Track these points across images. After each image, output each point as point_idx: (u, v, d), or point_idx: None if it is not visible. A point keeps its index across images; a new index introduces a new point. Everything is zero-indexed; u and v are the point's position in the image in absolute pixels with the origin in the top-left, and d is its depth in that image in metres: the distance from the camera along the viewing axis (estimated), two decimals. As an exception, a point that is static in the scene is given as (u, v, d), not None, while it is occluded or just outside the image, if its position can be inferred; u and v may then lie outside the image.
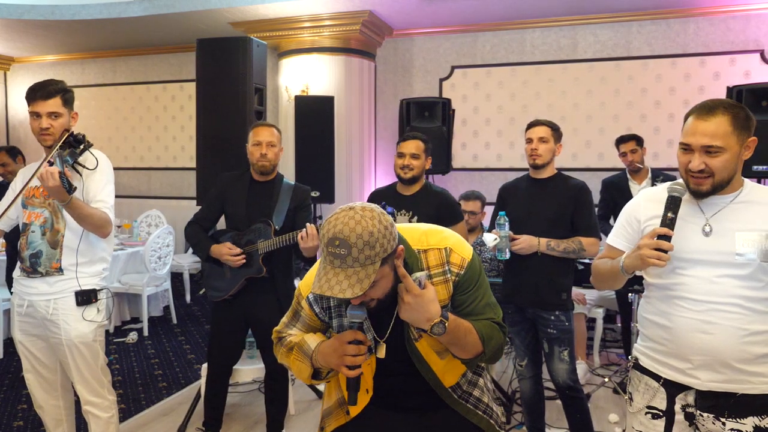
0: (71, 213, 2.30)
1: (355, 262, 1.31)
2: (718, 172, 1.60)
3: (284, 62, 6.28)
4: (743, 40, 5.48)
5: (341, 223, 1.33)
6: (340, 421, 1.67)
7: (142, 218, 6.62)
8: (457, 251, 1.53)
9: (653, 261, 1.57)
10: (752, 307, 1.58)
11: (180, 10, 5.77)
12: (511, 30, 6.14)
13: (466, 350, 1.49)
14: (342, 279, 1.32)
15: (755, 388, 1.59)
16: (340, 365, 1.44)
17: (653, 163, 5.31)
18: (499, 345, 1.54)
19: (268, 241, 2.81)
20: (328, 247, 1.33)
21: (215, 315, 3.05)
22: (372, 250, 1.31)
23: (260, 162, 2.87)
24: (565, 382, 2.76)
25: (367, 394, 1.61)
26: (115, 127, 7.85)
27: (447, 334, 1.42)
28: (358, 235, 1.30)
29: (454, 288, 1.54)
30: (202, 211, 3.03)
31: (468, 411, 1.64)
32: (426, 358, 1.55)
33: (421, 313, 1.39)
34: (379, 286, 1.39)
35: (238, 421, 3.53)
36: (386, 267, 1.37)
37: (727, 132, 1.57)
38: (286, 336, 1.65)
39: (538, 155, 2.76)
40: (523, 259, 2.75)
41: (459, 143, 6.32)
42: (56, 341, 2.42)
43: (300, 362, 1.56)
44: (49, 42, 7.30)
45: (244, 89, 3.57)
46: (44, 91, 2.33)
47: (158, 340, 5.09)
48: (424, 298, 1.39)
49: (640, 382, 1.77)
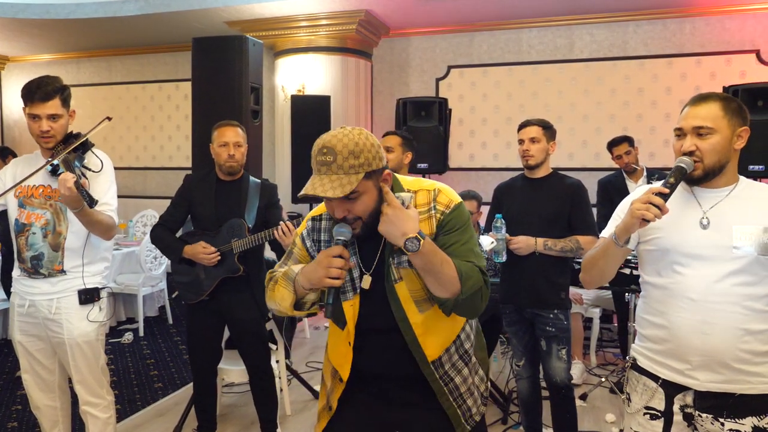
0: (81, 219, 2.28)
1: (339, 169, 1.40)
2: (708, 155, 1.60)
3: (280, 62, 6.27)
4: (739, 40, 5.49)
5: (330, 135, 1.44)
6: (338, 390, 1.69)
7: (138, 218, 6.59)
8: (445, 193, 1.58)
9: (640, 213, 1.54)
10: (750, 305, 1.57)
11: (176, 9, 5.75)
12: (507, 30, 6.14)
13: (442, 283, 1.46)
14: (326, 182, 1.40)
15: (754, 388, 1.59)
16: (323, 276, 1.45)
17: (649, 163, 5.32)
18: (478, 288, 1.49)
19: (242, 240, 2.80)
20: (317, 156, 1.43)
21: (191, 317, 3.03)
22: (356, 159, 1.40)
23: (228, 163, 2.84)
24: (563, 381, 2.75)
25: (350, 346, 1.61)
26: (111, 126, 7.77)
27: (421, 255, 1.40)
28: (344, 144, 1.41)
29: (437, 227, 1.54)
30: (169, 213, 2.97)
31: (442, 393, 1.62)
32: (404, 305, 1.55)
33: (397, 227, 1.41)
34: (362, 201, 1.44)
35: (233, 422, 3.51)
36: (370, 182, 1.44)
37: (718, 115, 1.61)
38: (277, 273, 1.67)
39: (530, 156, 2.75)
40: (520, 259, 2.74)
41: (455, 143, 6.31)
42: (58, 341, 2.41)
43: (284, 288, 1.57)
44: (44, 41, 7.27)
45: (240, 88, 3.55)
46: (42, 91, 2.26)
47: (154, 340, 5.06)
48: (403, 212, 1.42)
49: (638, 383, 1.77)
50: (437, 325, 1.60)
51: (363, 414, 1.69)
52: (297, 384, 3.89)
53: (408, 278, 1.54)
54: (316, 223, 1.67)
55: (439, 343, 1.61)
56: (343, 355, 1.64)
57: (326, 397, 1.76)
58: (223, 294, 2.90)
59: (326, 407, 1.74)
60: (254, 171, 3.27)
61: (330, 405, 1.71)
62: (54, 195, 2.37)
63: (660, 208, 1.54)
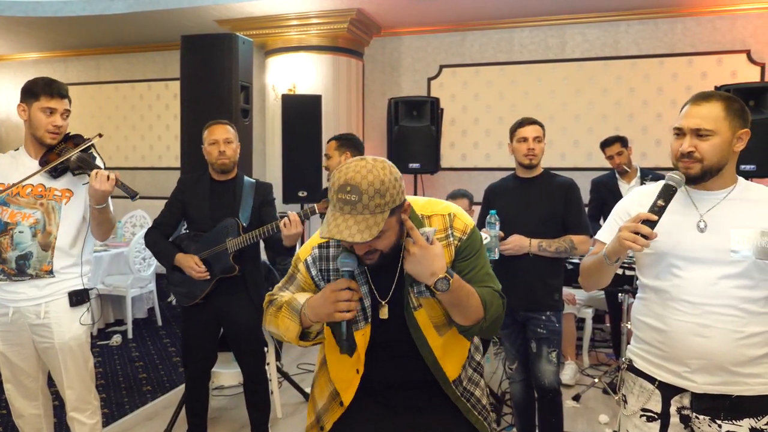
0: (98, 216, 2.34)
1: (365, 209, 1.32)
2: (707, 156, 1.58)
3: (271, 60, 6.22)
4: (730, 40, 5.51)
5: (353, 170, 1.34)
6: (336, 413, 1.63)
7: (127, 219, 6.51)
8: (460, 218, 1.55)
9: (628, 244, 1.53)
10: (747, 308, 1.56)
11: (165, 7, 5.69)
12: (499, 29, 6.13)
13: (467, 314, 1.46)
14: (351, 224, 1.32)
15: (751, 389, 1.57)
16: (332, 312, 1.40)
17: (641, 163, 5.31)
18: (498, 314, 1.51)
19: (237, 239, 2.77)
20: (339, 193, 1.34)
21: (186, 320, 2.99)
22: (382, 198, 1.33)
23: (220, 160, 2.82)
24: (551, 384, 2.73)
25: (357, 374, 1.57)
26: (99, 126, 7.73)
27: (450, 293, 1.39)
28: (369, 182, 1.32)
29: (456, 253, 1.53)
30: (163, 216, 2.95)
31: (468, 410, 1.61)
32: (424, 332, 1.52)
33: (426, 266, 1.37)
34: (385, 237, 1.39)
35: (223, 425, 3.47)
36: (393, 218, 1.38)
37: (719, 117, 1.57)
38: (278, 297, 1.62)
39: (535, 155, 2.72)
40: (513, 261, 2.71)
41: (447, 143, 6.29)
42: (46, 346, 2.35)
43: (288, 320, 1.52)
44: (31, 39, 7.18)
45: (229, 87, 3.51)
46: (62, 88, 2.33)
47: (143, 343, 5.00)
48: (430, 251, 1.38)
49: (634, 385, 1.75)
50: (454, 344, 1.59)
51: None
52: (287, 386, 3.85)
53: (428, 306, 1.52)
54: (323, 251, 1.59)
55: (457, 362, 1.61)
56: (349, 380, 1.59)
57: (317, 415, 1.69)
58: (219, 296, 2.87)
59: (317, 426, 1.67)
60: (244, 170, 3.23)
61: (322, 425, 1.65)
62: (46, 194, 2.33)
63: (647, 236, 1.52)
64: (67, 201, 2.37)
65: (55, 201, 2.34)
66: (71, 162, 2.31)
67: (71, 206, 2.38)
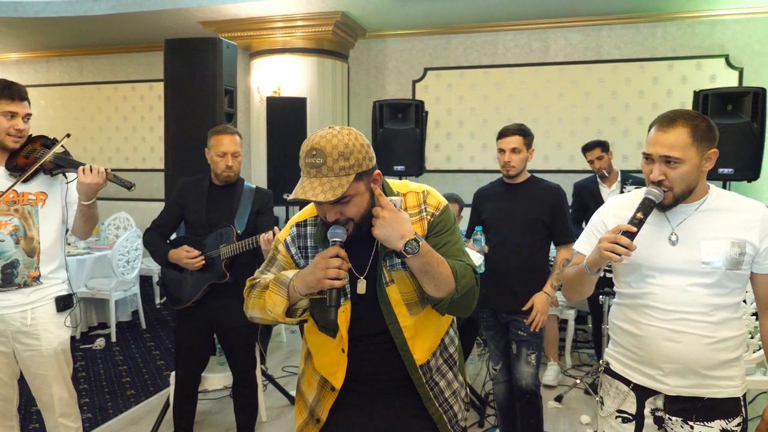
0: (86, 211, 2.34)
1: (329, 171, 1.37)
2: (677, 184, 1.60)
3: (256, 63, 6.21)
4: (709, 45, 5.61)
5: (319, 136, 1.41)
6: (329, 400, 1.63)
7: (110, 221, 6.45)
8: (433, 195, 1.59)
9: (608, 254, 1.56)
10: (719, 314, 1.60)
11: (149, 9, 5.65)
12: (483, 32, 6.18)
13: (438, 283, 1.46)
14: (316, 186, 1.37)
15: (722, 392, 1.62)
16: (322, 278, 1.41)
17: (623, 166, 5.39)
18: (470, 286, 1.52)
19: (230, 246, 2.77)
20: (306, 158, 1.40)
21: (179, 323, 3.00)
22: (346, 161, 1.38)
23: (225, 173, 2.84)
24: (529, 386, 2.76)
25: (344, 353, 1.58)
26: (82, 127, 7.67)
27: (420, 257, 1.40)
28: (333, 145, 1.38)
29: (428, 228, 1.55)
30: (161, 218, 2.96)
31: (428, 398, 1.61)
32: (395, 308, 1.53)
33: (395, 229, 1.39)
34: (354, 204, 1.43)
35: (208, 429, 3.46)
36: (361, 184, 1.42)
37: (687, 144, 1.58)
38: (261, 280, 1.62)
39: (512, 167, 2.73)
40: (498, 264, 2.75)
41: (432, 145, 6.32)
42: (31, 353, 2.31)
43: (276, 294, 1.52)
44: (12, 39, 7.10)
45: (213, 91, 3.51)
46: (21, 91, 2.29)
47: (126, 346, 4.97)
48: (398, 215, 1.41)
49: (610, 387, 1.79)
50: (426, 328, 1.59)
51: (352, 422, 1.64)
52: (272, 389, 3.85)
53: (400, 281, 1.53)
54: (301, 230, 1.63)
55: (427, 347, 1.60)
56: (336, 363, 1.60)
57: (309, 409, 1.69)
58: (212, 300, 2.87)
59: (312, 420, 1.68)
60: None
61: (318, 417, 1.66)
62: (20, 200, 2.29)
63: (627, 247, 1.55)
64: (42, 204, 2.34)
65: (30, 205, 2.31)
66: (47, 163, 2.29)
67: (48, 208, 2.36)
